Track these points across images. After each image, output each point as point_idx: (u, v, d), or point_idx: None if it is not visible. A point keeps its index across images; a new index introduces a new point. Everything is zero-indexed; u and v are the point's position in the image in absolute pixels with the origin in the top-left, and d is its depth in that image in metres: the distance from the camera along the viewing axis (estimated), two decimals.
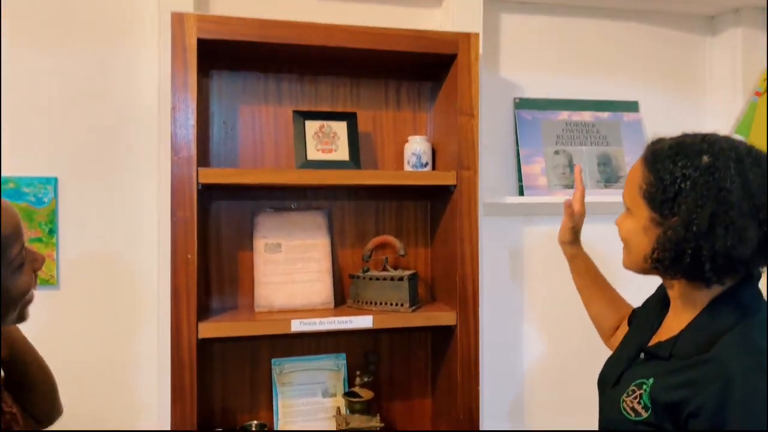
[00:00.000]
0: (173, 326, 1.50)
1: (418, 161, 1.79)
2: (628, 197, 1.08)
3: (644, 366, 1.06)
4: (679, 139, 1.04)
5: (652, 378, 1.00)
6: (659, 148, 1.04)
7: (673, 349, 1.01)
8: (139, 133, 1.73)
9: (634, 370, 1.07)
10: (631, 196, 1.06)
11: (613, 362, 1.17)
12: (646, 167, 1.03)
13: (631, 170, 1.10)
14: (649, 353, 1.07)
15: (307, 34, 1.60)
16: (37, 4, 1.67)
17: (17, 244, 0.94)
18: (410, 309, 1.69)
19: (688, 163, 0.97)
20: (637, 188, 1.03)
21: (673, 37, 2.16)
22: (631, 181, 1.07)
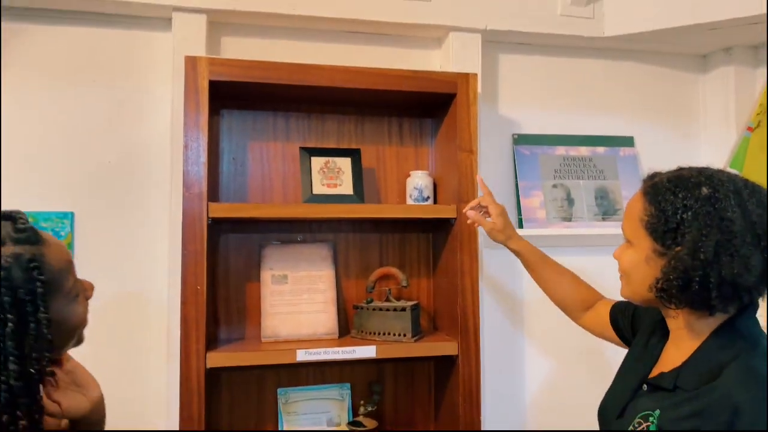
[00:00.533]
0: (182, 355, 1.55)
1: (420, 195, 1.86)
2: (628, 229, 1.10)
3: (648, 398, 1.07)
4: (676, 172, 1.08)
5: (658, 410, 1.00)
6: (658, 182, 1.07)
7: (677, 381, 1.02)
8: (152, 169, 1.81)
9: (638, 402, 1.08)
10: (632, 228, 1.08)
11: (614, 394, 1.18)
12: (647, 200, 1.06)
13: (629, 203, 1.12)
14: (652, 385, 1.08)
15: (312, 75, 1.68)
16: (57, 45, 1.77)
17: (71, 275, 0.98)
18: (413, 339, 1.73)
19: (688, 194, 1.00)
20: (638, 220, 1.06)
21: (667, 75, 2.24)
22: (630, 213, 1.10)
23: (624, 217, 1.14)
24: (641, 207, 1.06)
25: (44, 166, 1.75)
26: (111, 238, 1.78)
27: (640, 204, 1.07)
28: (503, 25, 1.95)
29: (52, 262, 0.93)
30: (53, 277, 0.93)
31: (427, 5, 1.89)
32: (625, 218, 1.13)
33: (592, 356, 2.08)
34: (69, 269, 0.98)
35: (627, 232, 1.11)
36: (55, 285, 0.93)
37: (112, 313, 1.77)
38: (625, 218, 1.13)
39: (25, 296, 0.88)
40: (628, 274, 1.10)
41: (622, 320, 1.37)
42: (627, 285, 1.12)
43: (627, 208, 1.13)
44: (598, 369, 2.03)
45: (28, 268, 0.89)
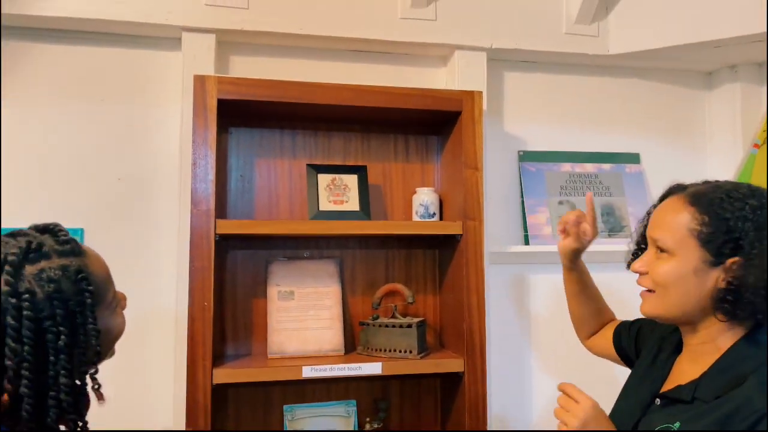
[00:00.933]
0: (189, 372, 1.56)
1: (426, 212, 1.87)
2: (670, 240, 1.04)
3: (663, 412, 1.06)
4: (711, 184, 1.08)
5: (678, 422, 1.00)
6: (702, 192, 1.05)
7: (695, 393, 1.01)
8: (161, 186, 1.83)
9: (652, 417, 1.07)
10: (677, 238, 1.03)
11: (623, 411, 1.17)
12: (697, 209, 1.03)
13: (664, 213, 1.08)
14: (667, 398, 1.07)
15: (319, 93, 1.70)
16: (69, 65, 1.80)
17: (111, 287, 0.99)
18: (419, 356, 1.73)
19: (743, 204, 1.00)
20: (686, 230, 1.02)
21: (672, 92, 2.24)
22: (672, 223, 1.05)
23: (658, 226, 1.08)
24: (689, 217, 1.03)
25: (55, 183, 1.77)
26: (120, 254, 1.79)
27: (686, 213, 1.03)
28: (508, 43, 1.97)
29: (96, 273, 0.94)
30: (98, 288, 0.93)
31: (433, 24, 1.92)
32: (661, 228, 1.07)
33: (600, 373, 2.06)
34: (110, 280, 0.99)
35: (668, 243, 1.04)
36: (100, 296, 0.94)
37: None
38: (661, 228, 1.07)
39: (76, 308, 0.88)
40: (665, 287, 1.05)
41: (626, 339, 1.37)
42: (661, 299, 1.07)
43: (662, 216, 1.08)
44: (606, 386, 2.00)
45: (76, 279, 0.89)
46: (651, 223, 1.11)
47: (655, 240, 1.08)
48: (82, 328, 0.88)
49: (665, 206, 1.09)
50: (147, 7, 1.74)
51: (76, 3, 1.70)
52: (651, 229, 1.10)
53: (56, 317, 0.86)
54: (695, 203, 1.04)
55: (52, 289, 0.86)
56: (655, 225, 1.09)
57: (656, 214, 1.11)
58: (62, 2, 1.69)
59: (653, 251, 1.09)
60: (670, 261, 1.05)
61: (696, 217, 1.02)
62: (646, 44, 2.02)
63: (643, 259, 1.10)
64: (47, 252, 0.90)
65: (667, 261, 1.05)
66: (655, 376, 1.15)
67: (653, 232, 1.09)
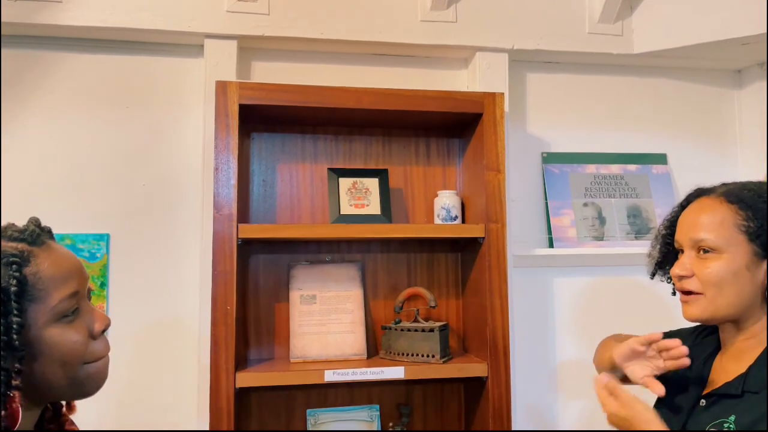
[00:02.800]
0: (212, 375, 1.56)
1: (448, 215, 1.85)
2: (716, 238, 1.05)
3: (711, 410, 1.06)
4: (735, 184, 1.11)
5: (733, 415, 1.01)
6: (730, 190, 1.08)
7: (744, 386, 1.02)
8: (184, 192, 1.85)
9: (701, 417, 1.07)
10: (722, 235, 1.05)
11: (668, 416, 1.15)
12: (736, 205, 1.05)
13: (699, 215, 1.09)
14: (714, 396, 1.07)
15: (340, 97, 1.71)
16: (93, 73, 1.84)
17: (65, 289, 0.85)
18: (441, 360, 1.71)
19: None
20: (732, 227, 1.04)
21: (700, 91, 2.20)
22: (711, 221, 1.06)
23: (697, 227, 1.08)
24: (731, 213, 1.05)
25: (81, 190, 1.80)
26: (144, 258, 1.82)
27: (727, 210, 1.06)
28: (530, 44, 1.95)
29: (42, 267, 0.84)
30: (36, 281, 0.83)
31: (453, 26, 1.91)
32: (702, 228, 1.07)
33: None
34: (65, 283, 0.85)
35: (715, 241, 1.05)
36: (36, 291, 0.82)
37: (144, 332, 1.80)
38: (702, 228, 1.07)
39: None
40: (719, 286, 1.05)
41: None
42: (713, 300, 1.06)
43: (698, 218, 1.08)
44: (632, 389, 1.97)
45: (8, 263, 0.81)
46: (683, 228, 1.11)
47: (698, 241, 1.07)
48: (2, 318, 0.78)
49: (698, 209, 1.10)
50: (170, 15, 1.76)
51: (101, 12, 1.73)
52: (688, 233, 1.10)
53: None
54: (734, 200, 1.06)
55: None
56: (692, 227, 1.09)
57: (689, 218, 1.11)
58: (88, 12, 1.72)
59: (693, 254, 1.09)
60: (719, 260, 1.05)
61: (739, 213, 1.05)
62: (671, 42, 1.98)
63: (684, 263, 1.09)
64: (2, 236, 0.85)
65: (715, 260, 1.05)
66: (695, 380, 1.14)
67: (693, 234, 1.08)
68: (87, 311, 0.89)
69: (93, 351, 0.88)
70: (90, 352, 0.87)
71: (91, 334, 0.88)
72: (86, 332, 0.87)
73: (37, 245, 0.86)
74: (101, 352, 0.89)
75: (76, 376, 0.86)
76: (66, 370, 0.85)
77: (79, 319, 0.87)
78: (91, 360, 0.88)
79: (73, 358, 0.85)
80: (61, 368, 0.84)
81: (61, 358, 0.84)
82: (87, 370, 0.87)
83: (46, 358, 0.83)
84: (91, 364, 0.88)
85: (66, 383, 0.86)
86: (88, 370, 0.87)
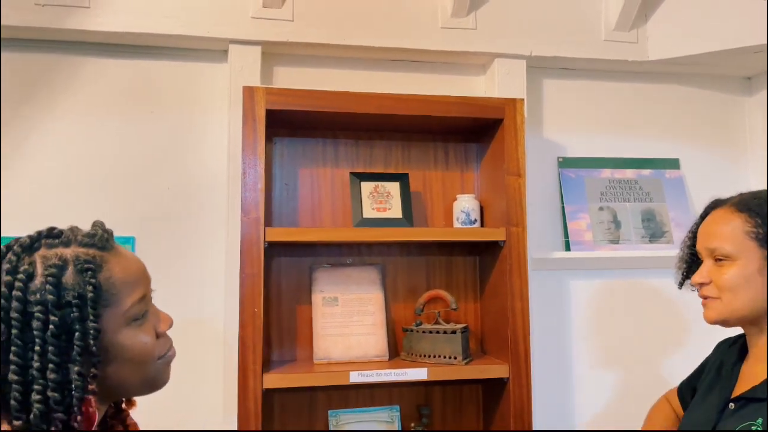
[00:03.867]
0: (240, 377, 1.59)
1: (467, 218, 1.88)
2: (731, 246, 1.11)
3: (738, 413, 1.09)
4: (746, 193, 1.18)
5: (760, 419, 1.04)
6: (743, 200, 1.15)
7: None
8: (208, 195, 1.87)
9: (729, 421, 1.10)
10: (736, 243, 1.11)
11: (697, 420, 1.19)
12: (746, 213, 1.12)
13: (714, 225, 1.16)
14: (742, 399, 1.10)
15: (361, 103, 1.73)
16: (119, 78, 1.86)
17: (135, 294, 0.87)
18: (464, 362, 1.74)
19: None
20: (742, 234, 1.10)
21: (712, 97, 2.24)
22: (726, 230, 1.13)
23: (712, 237, 1.15)
24: (741, 221, 1.12)
25: (107, 193, 1.82)
26: (169, 261, 1.84)
27: (737, 219, 1.12)
28: (548, 51, 1.98)
29: (114, 272, 0.85)
30: (111, 287, 0.84)
31: (473, 33, 1.94)
32: (716, 237, 1.14)
33: (646, 380, 2.06)
34: (135, 287, 0.87)
35: (727, 249, 1.12)
36: (110, 297, 0.84)
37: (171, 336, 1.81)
38: (716, 237, 1.14)
39: (73, 299, 0.80)
40: (734, 291, 1.11)
41: (688, 393, 1.36)
42: (729, 303, 1.12)
43: (713, 228, 1.15)
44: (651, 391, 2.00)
45: (82, 269, 0.82)
46: (701, 238, 1.19)
47: (713, 250, 1.14)
48: (78, 324, 0.79)
49: (713, 220, 1.17)
50: (195, 21, 1.79)
51: (127, 18, 1.76)
52: (704, 242, 1.17)
53: (47, 303, 0.78)
54: (744, 209, 1.13)
55: (49, 273, 0.80)
56: (707, 237, 1.16)
57: (705, 229, 1.18)
58: (116, 18, 1.75)
59: (710, 262, 1.16)
60: (733, 266, 1.12)
61: (749, 220, 1.11)
62: (685, 50, 2.02)
63: (702, 272, 1.16)
64: (67, 239, 0.85)
65: (730, 267, 1.12)
66: (724, 385, 1.18)
67: (708, 243, 1.16)
68: (153, 313, 0.93)
69: (160, 348, 0.92)
70: (158, 351, 0.91)
71: (158, 333, 0.92)
72: (154, 333, 0.91)
73: (107, 250, 0.88)
74: (167, 349, 0.94)
75: (147, 374, 0.90)
76: (139, 370, 0.88)
77: (148, 321, 0.90)
78: (160, 357, 0.91)
79: (146, 358, 0.89)
80: (135, 368, 0.88)
81: (134, 359, 0.87)
82: (156, 366, 0.91)
83: (120, 360, 0.86)
84: (159, 361, 0.91)
85: (139, 382, 0.89)
86: (156, 366, 0.91)
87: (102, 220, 1.81)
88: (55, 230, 0.87)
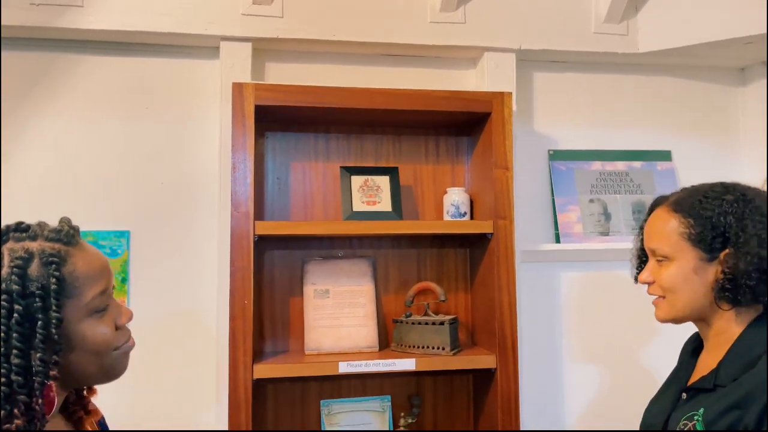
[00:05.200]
0: (231, 367, 1.63)
1: (457, 211, 1.90)
2: (666, 247, 1.13)
3: (689, 404, 1.12)
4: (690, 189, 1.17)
5: (702, 408, 1.06)
6: (680, 199, 1.15)
7: (716, 380, 1.08)
8: (201, 190, 1.91)
9: (681, 411, 1.12)
10: (671, 244, 1.12)
11: (655, 411, 1.22)
12: (681, 215, 1.12)
13: (654, 223, 1.17)
14: (692, 390, 1.13)
15: (352, 98, 1.76)
16: (112, 75, 1.90)
17: (97, 287, 0.92)
18: (451, 352, 1.77)
19: (720, 202, 1.10)
20: (678, 235, 1.12)
21: (704, 88, 2.24)
22: (663, 231, 1.14)
23: (652, 237, 1.17)
24: (677, 222, 1.13)
25: (102, 189, 1.86)
26: (164, 254, 1.88)
27: (673, 220, 1.13)
28: (537, 44, 1.99)
29: (78, 266, 0.90)
30: (74, 280, 0.89)
31: (462, 27, 1.95)
32: (655, 238, 1.16)
33: (631, 369, 2.08)
34: (96, 281, 0.92)
35: (665, 250, 1.14)
36: (72, 289, 0.89)
37: (164, 326, 1.86)
38: (655, 238, 1.16)
39: (36, 290, 0.85)
40: (674, 291, 1.13)
41: None
42: (672, 303, 1.14)
43: (653, 228, 1.17)
44: (638, 382, 2.03)
45: (47, 262, 0.87)
46: (645, 237, 1.21)
47: (653, 250, 1.17)
48: (41, 313, 0.84)
49: (653, 218, 1.19)
50: (187, 19, 1.82)
51: (120, 16, 1.79)
52: (647, 242, 1.20)
53: (12, 293, 0.84)
54: (679, 210, 1.14)
55: (15, 265, 0.85)
56: (649, 237, 1.19)
57: (648, 227, 1.20)
58: (109, 16, 1.78)
59: (654, 261, 1.18)
60: (671, 266, 1.14)
61: (682, 221, 1.13)
62: (675, 42, 2.02)
63: (647, 270, 1.19)
64: (34, 234, 0.91)
65: (668, 267, 1.14)
66: (681, 376, 1.22)
67: (649, 243, 1.18)
68: (114, 306, 0.97)
69: (118, 340, 0.96)
70: (116, 342, 0.96)
71: (117, 326, 0.96)
72: (113, 325, 0.95)
73: (72, 245, 0.92)
74: (125, 341, 0.98)
75: (105, 363, 0.94)
76: (97, 359, 0.93)
77: (108, 313, 0.95)
78: (117, 348, 0.96)
79: (104, 348, 0.93)
80: (93, 357, 0.93)
81: (94, 348, 0.92)
82: (113, 357, 0.95)
83: (80, 349, 0.91)
84: (116, 351, 0.96)
85: (97, 370, 0.94)
86: (114, 357, 0.96)
87: (96, 215, 1.87)
88: (23, 224, 0.92)
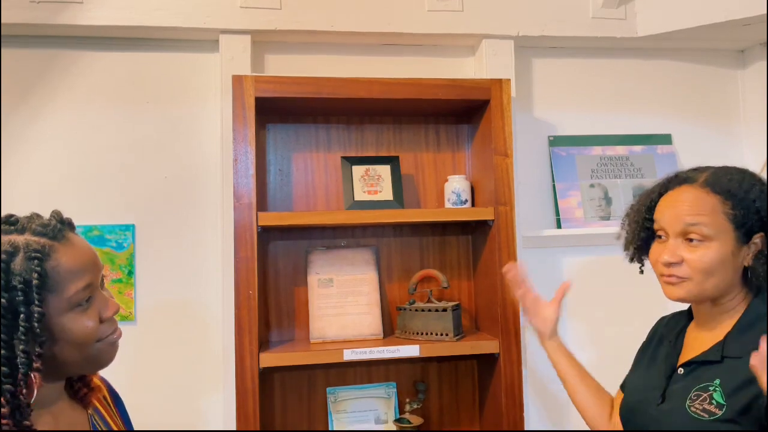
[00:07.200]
0: (237, 357, 1.65)
1: (458, 199, 1.92)
2: (709, 227, 1.09)
3: (690, 377, 1.12)
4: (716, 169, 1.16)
5: (717, 379, 1.07)
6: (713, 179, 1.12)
7: (723, 351, 1.09)
8: (204, 182, 1.93)
9: (682, 383, 1.13)
10: (715, 224, 1.09)
11: (645, 385, 1.22)
12: (720, 195, 1.10)
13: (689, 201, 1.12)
14: (692, 363, 1.13)
15: (351, 88, 1.77)
16: (115, 70, 1.91)
17: (80, 281, 0.93)
18: (455, 338, 1.79)
19: (756, 184, 1.11)
20: (722, 215, 1.09)
21: (704, 71, 2.23)
22: (702, 210, 1.10)
23: (688, 215, 1.11)
24: (718, 202, 1.10)
25: (107, 183, 1.88)
26: (169, 247, 1.90)
27: (715, 200, 1.10)
28: (535, 30, 2.00)
29: (62, 261, 0.91)
30: (55, 275, 0.90)
31: (459, 15, 1.96)
32: (695, 217, 1.10)
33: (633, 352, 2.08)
34: (80, 276, 0.93)
35: (706, 231, 1.09)
36: (54, 284, 0.90)
37: (170, 317, 1.89)
38: (695, 217, 1.10)
39: (19, 284, 0.86)
40: (709, 273, 1.10)
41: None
42: (700, 283, 1.11)
43: (689, 206, 1.11)
44: None
45: (30, 257, 0.87)
46: (668, 215, 1.14)
47: (689, 231, 1.10)
48: (23, 307, 0.86)
49: (683, 198, 1.13)
50: (186, 13, 1.83)
51: (120, 12, 1.80)
52: (675, 220, 1.12)
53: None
54: (719, 191, 1.11)
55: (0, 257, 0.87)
56: (680, 216, 1.12)
57: (674, 205, 1.14)
58: (108, 12, 1.80)
59: (679, 241, 1.12)
60: (710, 247, 1.10)
61: (726, 202, 1.10)
62: (674, 25, 2.02)
63: (671, 250, 1.12)
64: (22, 227, 0.92)
65: (707, 248, 1.10)
66: (668, 353, 1.22)
67: (682, 222, 1.11)
68: (100, 299, 0.98)
69: (103, 332, 0.97)
70: (100, 334, 0.96)
71: (102, 318, 0.97)
72: (98, 318, 0.96)
73: (58, 240, 0.93)
74: (110, 333, 0.99)
75: (89, 354, 0.96)
76: (80, 350, 0.94)
77: (92, 306, 0.96)
78: (101, 339, 0.97)
79: (86, 341, 0.94)
80: (76, 349, 0.94)
81: (76, 341, 0.93)
82: (97, 348, 0.96)
83: (63, 341, 0.92)
84: (100, 343, 0.97)
85: (81, 361, 0.96)
86: (98, 348, 0.96)
87: (102, 209, 1.89)
88: (12, 217, 0.94)
